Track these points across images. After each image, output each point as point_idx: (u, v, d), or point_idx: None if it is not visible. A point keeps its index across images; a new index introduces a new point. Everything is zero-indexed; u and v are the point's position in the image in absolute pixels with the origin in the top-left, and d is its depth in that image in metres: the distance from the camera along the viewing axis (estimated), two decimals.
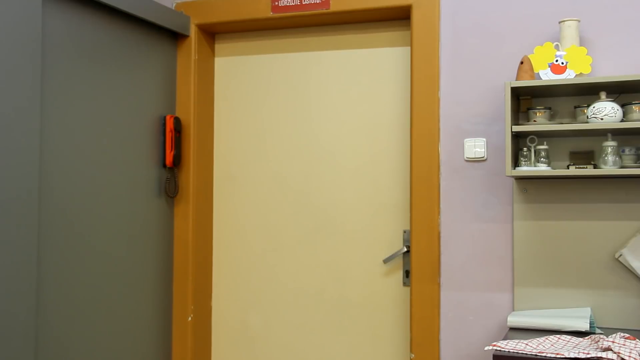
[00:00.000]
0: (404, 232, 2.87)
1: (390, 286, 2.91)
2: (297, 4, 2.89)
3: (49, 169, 2.26)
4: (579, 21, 2.41)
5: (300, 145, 3.06)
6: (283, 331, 3.05)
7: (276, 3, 2.91)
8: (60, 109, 2.33)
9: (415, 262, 2.69)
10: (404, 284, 2.87)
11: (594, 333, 2.24)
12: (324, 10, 2.86)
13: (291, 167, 3.05)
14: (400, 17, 2.89)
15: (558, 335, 2.17)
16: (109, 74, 2.58)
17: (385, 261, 2.89)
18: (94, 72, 2.51)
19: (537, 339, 2.14)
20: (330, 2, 2.85)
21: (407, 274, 2.86)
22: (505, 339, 2.20)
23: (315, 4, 2.87)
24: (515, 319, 2.39)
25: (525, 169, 2.38)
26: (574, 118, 2.48)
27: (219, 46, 3.20)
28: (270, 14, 2.93)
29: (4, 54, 2.07)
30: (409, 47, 2.90)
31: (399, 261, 2.89)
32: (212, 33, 3.16)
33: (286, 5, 2.90)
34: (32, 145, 2.16)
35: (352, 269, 2.95)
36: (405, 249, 2.85)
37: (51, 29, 2.29)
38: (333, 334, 2.98)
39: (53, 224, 2.28)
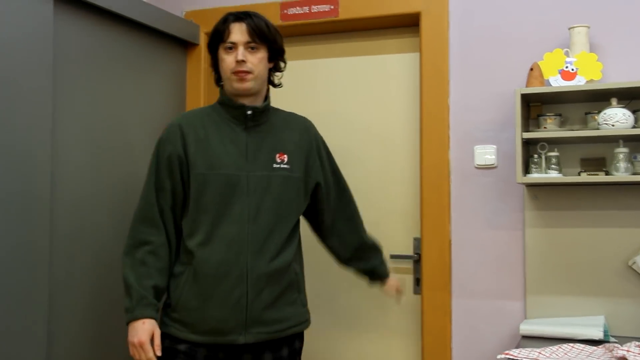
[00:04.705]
0: (414, 239, 2.86)
1: None
2: (306, 12, 2.89)
3: (61, 171, 2.28)
4: (588, 27, 2.41)
5: None
6: None
7: (285, 11, 2.92)
8: (72, 115, 2.35)
9: (426, 270, 2.68)
10: (415, 292, 2.86)
11: (608, 342, 2.23)
12: (333, 18, 2.87)
13: None
14: (409, 24, 2.88)
15: (571, 344, 2.16)
16: (119, 81, 2.59)
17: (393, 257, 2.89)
18: (105, 79, 2.52)
19: (550, 347, 2.12)
20: (339, 10, 2.85)
21: (417, 281, 2.85)
22: (517, 347, 2.19)
23: (324, 12, 2.87)
24: (528, 327, 2.38)
25: (536, 176, 2.37)
26: (584, 125, 2.47)
27: None
28: (280, 22, 2.93)
29: (17, 61, 2.09)
30: (418, 54, 2.90)
31: (410, 269, 2.88)
32: None
33: (295, 14, 2.91)
34: (44, 148, 2.19)
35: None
36: (416, 257, 2.84)
37: (63, 37, 2.31)
38: (343, 341, 2.97)
39: (64, 225, 2.30)
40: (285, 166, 2.18)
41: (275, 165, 2.17)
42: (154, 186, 2.14)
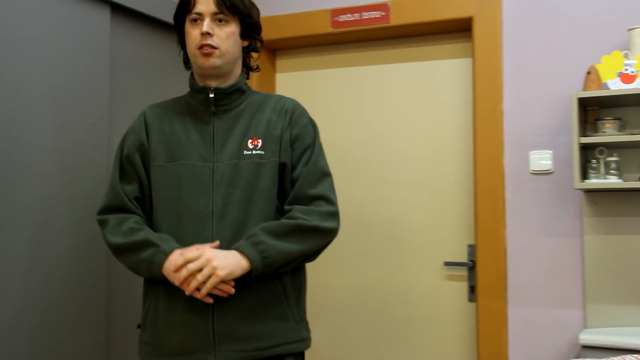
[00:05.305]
0: (469, 246, 2.83)
1: (455, 302, 2.86)
2: (357, 19, 2.89)
3: None
4: None
5: (362, 159, 3.05)
6: (346, 347, 3.04)
7: (336, 18, 2.92)
8: (127, 118, 2.46)
9: (481, 278, 2.64)
10: (470, 299, 2.82)
11: None
12: (384, 25, 2.86)
13: (353, 182, 3.05)
14: (462, 29, 2.86)
15: (635, 355, 2.09)
16: (171, 85, 2.66)
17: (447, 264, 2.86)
18: (158, 83, 2.63)
19: (613, 358, 2.06)
20: (390, 16, 2.84)
21: (472, 289, 2.81)
22: (577, 357, 2.13)
23: (375, 18, 2.86)
24: (588, 337, 2.31)
25: (595, 182, 2.32)
26: None
27: (279, 62, 3.23)
28: (330, 29, 2.94)
29: (77, 68, 2.23)
30: (470, 59, 2.87)
31: (464, 276, 2.84)
32: (273, 49, 3.19)
33: (346, 21, 2.91)
34: (101, 151, 2.31)
35: (416, 284, 2.92)
36: (470, 264, 2.81)
37: (119, 44, 2.44)
38: (398, 350, 2.95)
39: None
40: (258, 152, 1.83)
41: (246, 152, 1.82)
42: (119, 177, 1.88)
